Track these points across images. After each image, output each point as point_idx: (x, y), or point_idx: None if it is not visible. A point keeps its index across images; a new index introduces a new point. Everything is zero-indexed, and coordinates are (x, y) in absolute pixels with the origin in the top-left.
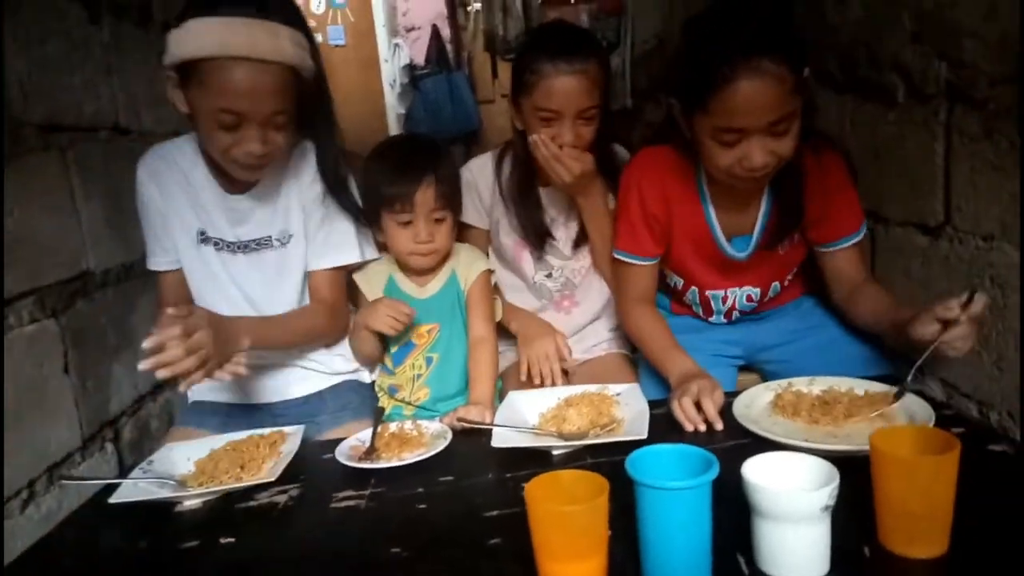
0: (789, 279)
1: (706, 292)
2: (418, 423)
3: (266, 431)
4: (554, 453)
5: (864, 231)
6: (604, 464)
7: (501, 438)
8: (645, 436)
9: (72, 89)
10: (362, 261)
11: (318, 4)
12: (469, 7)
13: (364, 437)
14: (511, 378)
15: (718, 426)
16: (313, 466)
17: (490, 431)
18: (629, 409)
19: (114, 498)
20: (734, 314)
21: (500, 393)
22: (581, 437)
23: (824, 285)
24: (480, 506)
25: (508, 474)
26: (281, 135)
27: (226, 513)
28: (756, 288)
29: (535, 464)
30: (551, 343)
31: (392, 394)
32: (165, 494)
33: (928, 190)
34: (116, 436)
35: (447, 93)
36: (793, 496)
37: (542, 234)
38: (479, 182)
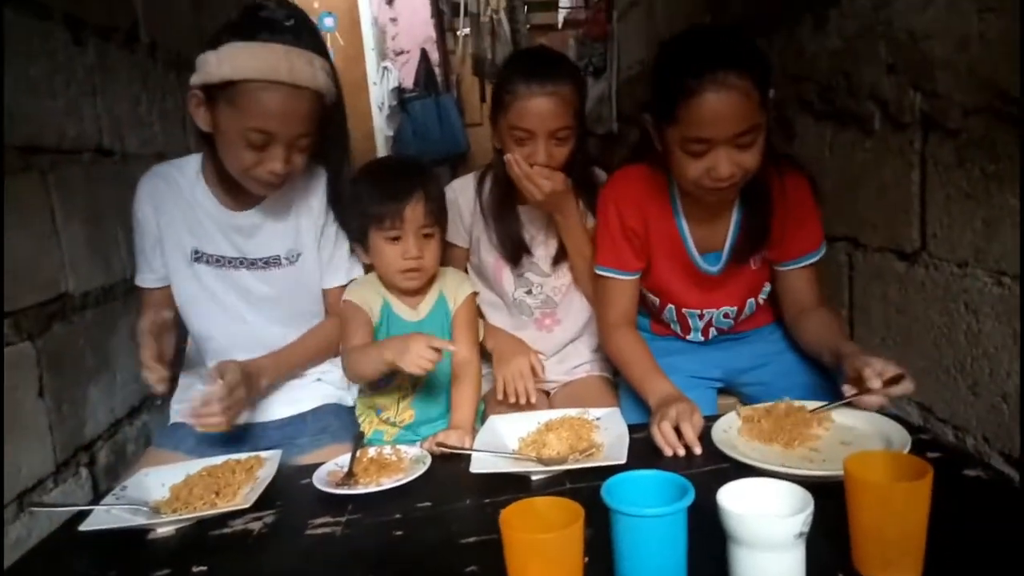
0: (764, 298)
1: (683, 310)
2: (397, 448)
3: (243, 456)
4: (533, 478)
5: (822, 252)
6: (583, 489)
7: (480, 463)
8: (624, 461)
9: (55, 111)
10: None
11: None
12: (458, 31)
13: (343, 462)
14: (493, 400)
15: (696, 450)
16: (289, 492)
17: (469, 456)
18: (609, 434)
19: (84, 526)
20: (711, 331)
21: (482, 415)
22: (560, 462)
23: (778, 306)
24: (458, 533)
25: (487, 500)
26: (302, 157)
27: (199, 541)
28: (733, 307)
29: (514, 489)
30: (525, 361)
31: (378, 414)
32: (137, 521)
33: (904, 217)
34: (91, 461)
35: (435, 116)
36: (767, 523)
37: (520, 250)
38: (460, 201)
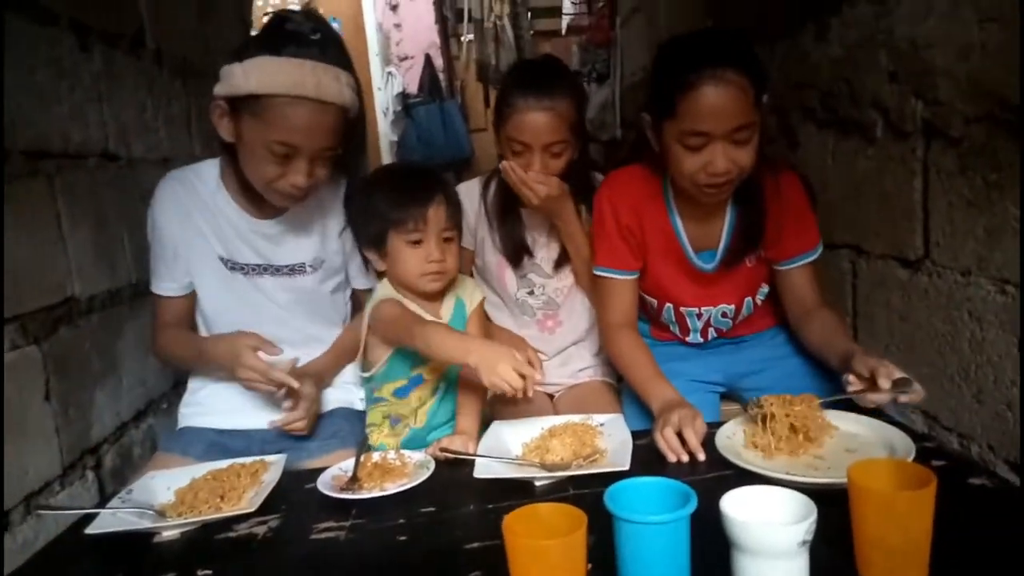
0: (761, 298)
1: (680, 309)
2: (401, 453)
3: (248, 460)
4: (537, 484)
5: (819, 251)
6: (587, 495)
7: (484, 469)
8: (627, 467)
9: (61, 116)
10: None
11: None
12: (462, 37)
13: (347, 467)
14: (497, 404)
15: (700, 456)
16: (294, 496)
17: (473, 461)
18: (612, 440)
19: (91, 528)
20: (710, 332)
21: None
22: (564, 468)
23: (780, 306)
24: (461, 538)
25: (490, 505)
26: (324, 170)
27: (204, 544)
28: (731, 305)
29: (518, 495)
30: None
31: (393, 424)
32: (143, 524)
33: (907, 224)
34: (98, 464)
35: (439, 121)
36: (771, 530)
37: (521, 251)
38: (466, 204)
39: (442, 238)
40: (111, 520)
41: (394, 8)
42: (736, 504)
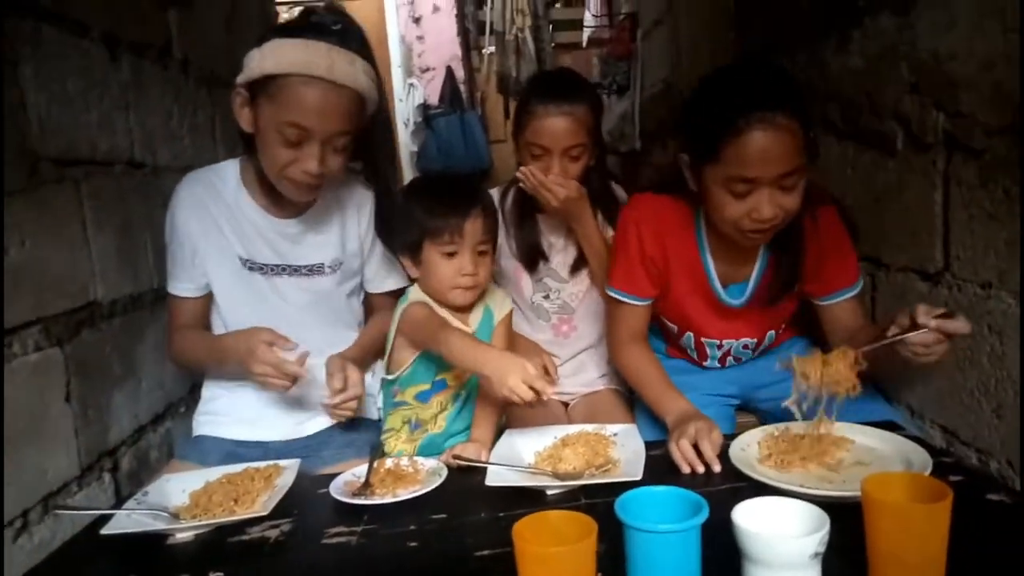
0: (784, 327)
1: (702, 339)
2: (414, 460)
3: (262, 464)
4: (549, 493)
5: (859, 286)
6: (599, 504)
7: (496, 477)
8: (640, 477)
9: (89, 124)
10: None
11: None
12: (483, 50)
13: (360, 472)
14: (513, 410)
15: (716, 468)
16: (307, 500)
17: (486, 469)
18: (625, 450)
19: (106, 529)
20: (728, 360)
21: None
22: (576, 477)
23: (821, 333)
24: (472, 545)
25: (501, 513)
26: (338, 159)
27: (217, 547)
28: (753, 339)
29: (529, 503)
30: (539, 362)
31: (413, 429)
32: (158, 526)
33: (927, 237)
34: (115, 466)
35: (459, 132)
36: (783, 542)
37: (537, 256)
38: None
39: (477, 251)
40: (126, 521)
41: (417, 21)
42: (748, 515)
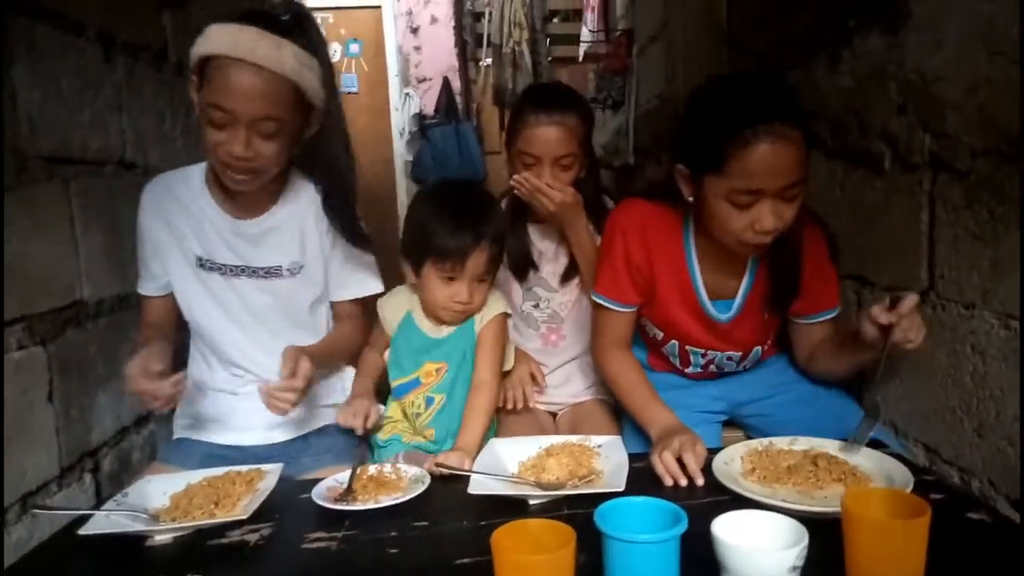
0: (769, 343)
1: (687, 347)
2: (397, 467)
3: (244, 468)
4: (531, 502)
5: (838, 309)
6: (580, 515)
7: (479, 485)
8: (622, 488)
9: (81, 124)
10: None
11: (333, 52)
12: (481, 62)
13: (342, 478)
14: (503, 411)
15: (699, 481)
16: (288, 505)
17: (469, 478)
18: (609, 461)
19: (84, 530)
20: (711, 368)
21: (495, 435)
22: (559, 487)
23: (788, 345)
24: (453, 553)
25: (483, 522)
26: (269, 146)
27: (196, 549)
28: (738, 352)
29: (511, 512)
30: (526, 369)
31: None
32: (136, 527)
33: (913, 256)
34: (96, 467)
35: (454, 143)
36: (761, 555)
37: (527, 265)
38: None
39: (476, 280)
40: (105, 522)
41: (415, 31)
42: (728, 528)
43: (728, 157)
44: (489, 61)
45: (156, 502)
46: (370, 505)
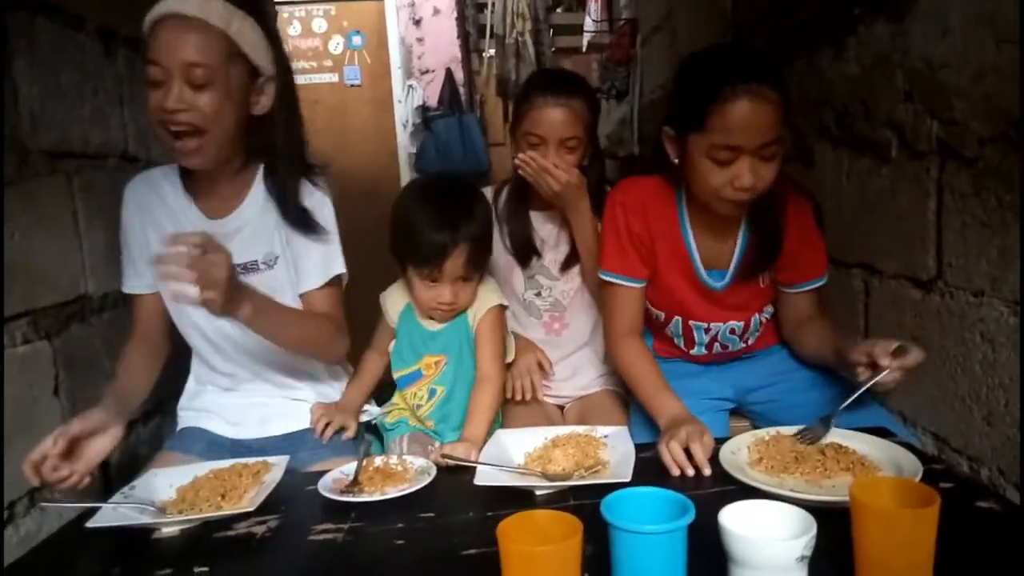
0: (767, 316)
1: (689, 322)
2: (403, 458)
3: (251, 460)
4: (537, 493)
5: (826, 278)
6: (587, 506)
7: (485, 476)
8: (629, 479)
9: (82, 118)
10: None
11: (336, 45)
12: (484, 53)
13: (348, 470)
14: (511, 402)
15: (706, 471)
16: (294, 497)
17: (475, 469)
18: (615, 452)
19: (91, 522)
20: (715, 346)
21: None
22: (565, 478)
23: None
24: (459, 544)
25: (489, 513)
26: (201, 97)
27: (203, 542)
28: (739, 322)
29: (518, 504)
30: (532, 359)
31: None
32: (143, 520)
33: (920, 244)
34: (103, 460)
35: (458, 135)
36: (769, 545)
37: (529, 252)
38: None
39: (458, 280)
40: (112, 515)
41: (417, 23)
42: (735, 518)
43: (709, 113)
44: (492, 52)
45: (163, 495)
46: (376, 497)
